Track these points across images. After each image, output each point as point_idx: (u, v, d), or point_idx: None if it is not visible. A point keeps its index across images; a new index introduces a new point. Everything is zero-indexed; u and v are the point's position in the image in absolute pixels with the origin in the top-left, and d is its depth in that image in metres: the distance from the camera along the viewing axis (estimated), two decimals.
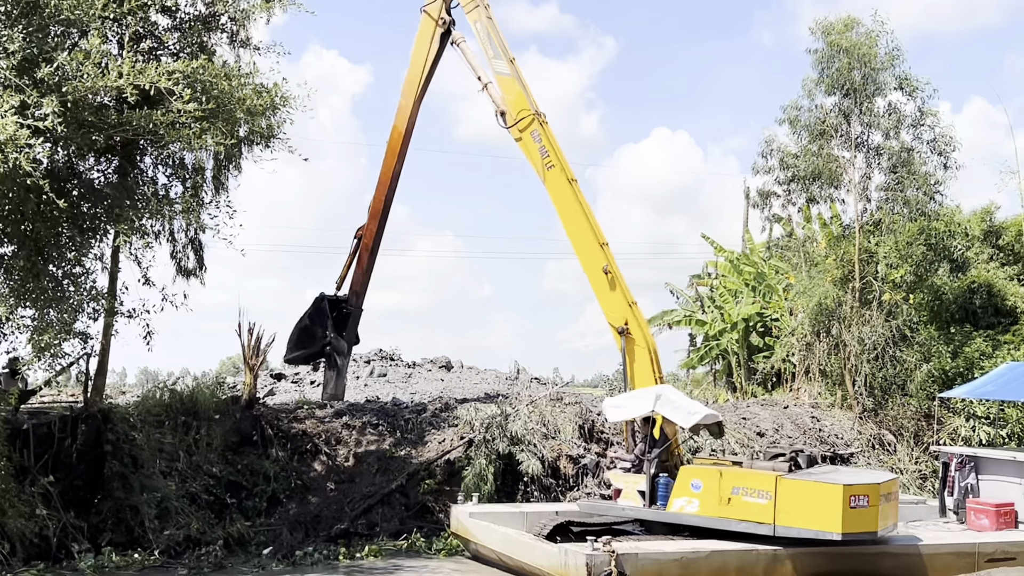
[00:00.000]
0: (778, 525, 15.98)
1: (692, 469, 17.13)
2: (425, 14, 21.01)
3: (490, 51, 19.37)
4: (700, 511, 16.45)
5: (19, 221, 16.86)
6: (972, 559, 17.23)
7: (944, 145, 27.66)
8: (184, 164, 20.16)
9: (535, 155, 18.87)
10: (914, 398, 27.06)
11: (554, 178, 18.82)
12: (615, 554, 14.72)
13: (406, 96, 21.48)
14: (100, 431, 18.73)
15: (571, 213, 19.05)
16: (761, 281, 35.23)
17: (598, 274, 18.76)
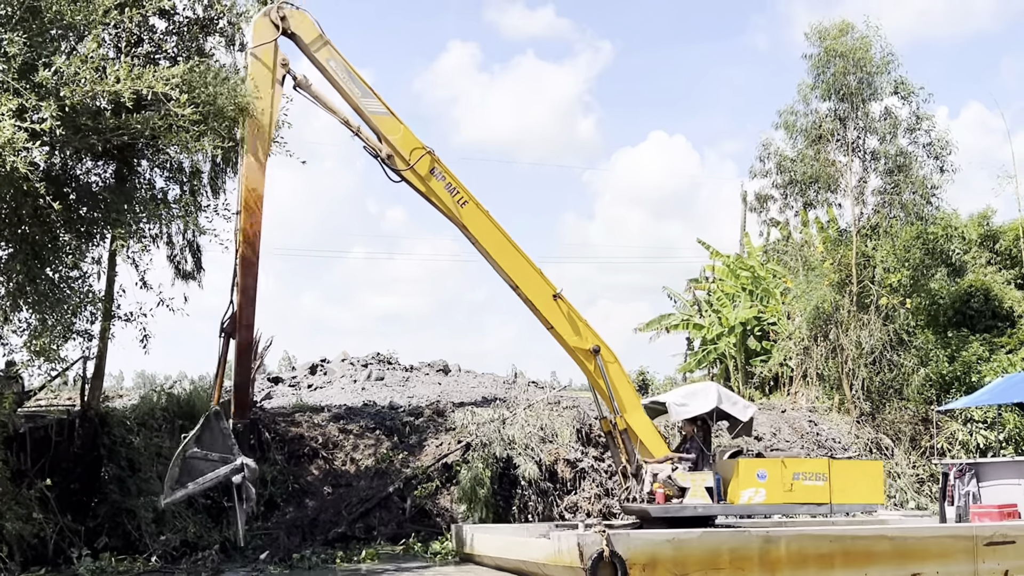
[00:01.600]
0: (834, 503, 17.94)
1: (754, 461, 17.86)
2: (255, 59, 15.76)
3: (356, 90, 16.12)
4: (767, 499, 17.39)
5: (16, 224, 16.84)
6: (971, 543, 17.25)
7: (940, 149, 27.74)
8: (181, 167, 20.15)
9: (443, 195, 16.46)
10: (911, 402, 27.11)
11: (471, 214, 16.65)
12: (606, 534, 14.81)
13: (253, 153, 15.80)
14: (97, 434, 18.72)
15: (500, 246, 17.01)
16: (758, 285, 35.26)
17: (549, 303, 17.18)
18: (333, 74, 16.07)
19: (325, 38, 15.97)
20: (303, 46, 15.92)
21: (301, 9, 15.55)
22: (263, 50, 15.55)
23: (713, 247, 38.66)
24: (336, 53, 16.07)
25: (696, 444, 17.74)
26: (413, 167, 16.34)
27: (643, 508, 16.95)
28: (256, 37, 15.48)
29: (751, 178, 30.16)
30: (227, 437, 15.42)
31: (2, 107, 14.17)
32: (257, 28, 15.51)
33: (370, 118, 16.25)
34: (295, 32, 15.65)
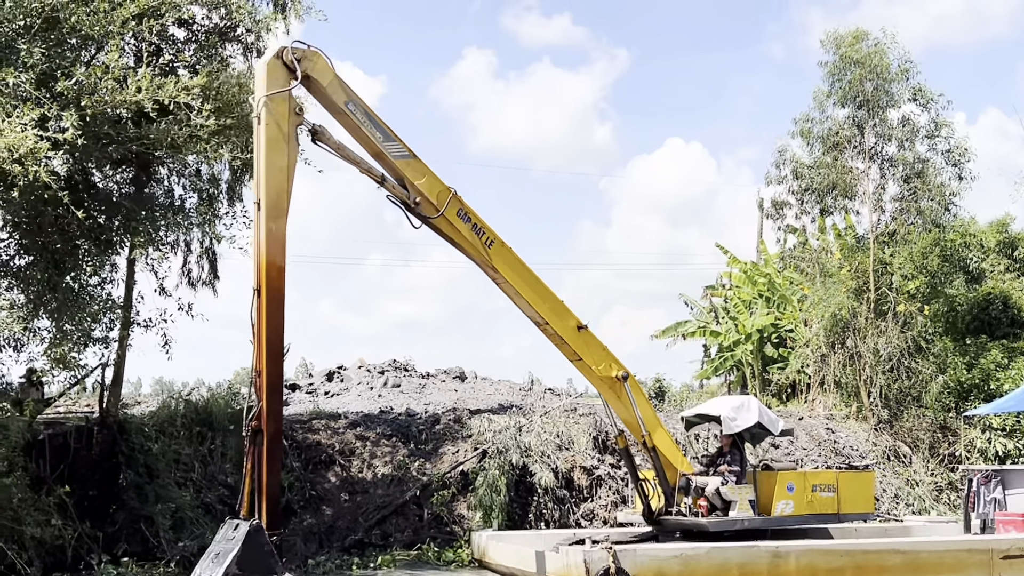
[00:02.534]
0: (841, 513, 18.19)
1: (785, 474, 17.81)
2: (269, 110, 12.91)
3: (377, 134, 14.13)
4: (795, 511, 17.52)
5: (36, 233, 17.01)
6: (987, 556, 17.13)
7: (959, 156, 27.62)
8: (200, 175, 20.29)
9: (470, 237, 15.11)
10: (929, 409, 26.97)
11: (498, 254, 15.45)
12: (613, 551, 14.84)
13: (276, 219, 12.87)
14: (116, 441, 18.83)
15: (527, 284, 16.03)
16: (775, 292, 35.17)
17: (575, 336, 16.50)
18: (352, 118, 14.01)
19: (341, 79, 13.92)
20: (319, 89, 13.70)
21: (314, 48, 13.42)
22: (278, 99, 12.96)
23: (730, 253, 38.59)
24: (354, 95, 14.06)
25: (737, 457, 17.79)
26: (443, 213, 14.75)
27: (696, 522, 16.87)
28: (269, 82, 12.95)
29: (767, 184, 30.13)
30: (270, 555, 13.43)
31: (24, 117, 14.30)
32: (270, 72, 12.96)
33: (393, 163, 14.34)
34: (311, 75, 13.43)
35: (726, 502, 16.97)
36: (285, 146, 12.92)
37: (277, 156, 12.79)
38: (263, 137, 12.73)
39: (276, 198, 12.70)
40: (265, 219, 12.60)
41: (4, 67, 14.74)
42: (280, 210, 12.78)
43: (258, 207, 12.63)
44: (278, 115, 12.86)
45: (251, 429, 13.38)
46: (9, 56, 15.44)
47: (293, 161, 13.04)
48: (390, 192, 14.52)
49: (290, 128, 12.98)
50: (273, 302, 12.91)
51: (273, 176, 12.68)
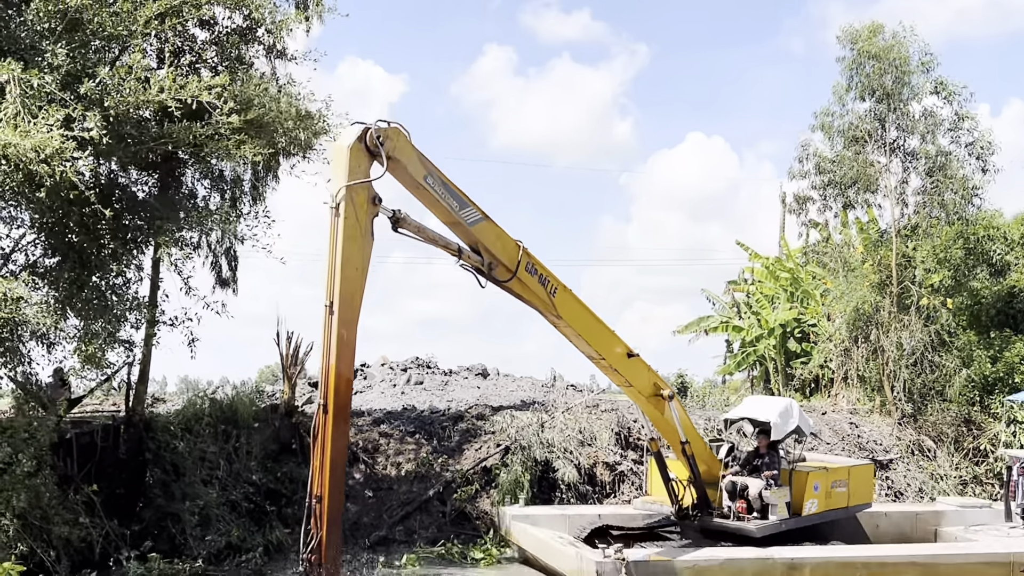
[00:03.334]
0: (851, 506, 18.69)
1: (814, 474, 17.99)
2: (351, 201, 11.38)
3: (454, 203, 12.98)
4: (818, 509, 17.82)
5: (63, 233, 17.17)
6: (1007, 569, 17.04)
7: (982, 148, 27.44)
8: (223, 175, 20.44)
9: (538, 290, 14.46)
10: (954, 403, 26.86)
11: (562, 301, 14.89)
12: (625, 561, 14.93)
13: (349, 326, 11.40)
14: (142, 440, 18.99)
15: (588, 322, 15.70)
16: (798, 287, 35.07)
17: (626, 363, 16.30)
18: (431, 192, 12.71)
19: (420, 153, 12.52)
20: (399, 168, 12.22)
21: (395, 124, 11.95)
22: (359, 187, 11.45)
23: (752, 249, 38.50)
24: (432, 166, 12.72)
25: (776, 459, 17.94)
26: (517, 273, 13.98)
27: (743, 527, 17.04)
28: (351, 169, 11.37)
29: (790, 179, 29.98)
30: None
31: (50, 118, 14.45)
32: (353, 157, 11.40)
33: (469, 230, 13.30)
34: (393, 156, 11.86)
35: (765, 505, 17.06)
36: (362, 240, 11.54)
37: (354, 252, 11.38)
38: (341, 230, 11.25)
39: (350, 301, 11.32)
40: (337, 324, 11.13)
41: (29, 68, 14.89)
42: (354, 315, 11.46)
43: (329, 310, 11.17)
44: (358, 206, 11.41)
45: (308, 562, 11.58)
46: (34, 58, 15.59)
47: (368, 257, 11.75)
48: (465, 262, 13.55)
49: (368, 219, 11.62)
50: (340, 418, 11.43)
51: (349, 275, 11.28)
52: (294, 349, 21.86)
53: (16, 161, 14.31)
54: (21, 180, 14.94)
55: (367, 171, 11.58)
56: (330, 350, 11.15)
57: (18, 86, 14.75)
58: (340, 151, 11.50)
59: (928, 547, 18.38)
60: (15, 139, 14.05)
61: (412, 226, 12.55)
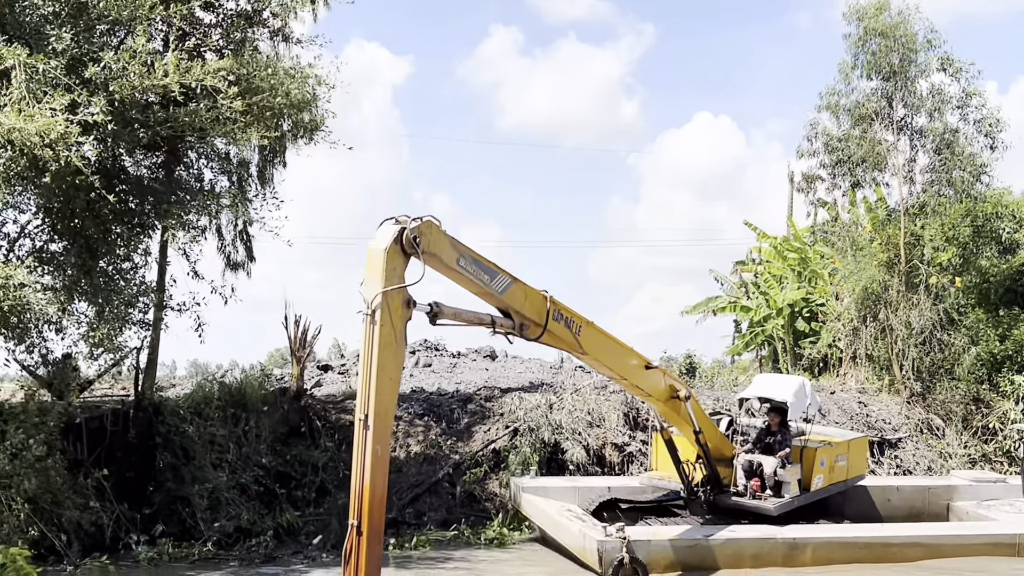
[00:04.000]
0: (849, 479, 18.87)
1: (819, 450, 18.12)
2: (385, 308, 10.89)
3: (485, 277, 12.77)
4: (824, 483, 18.00)
5: (69, 218, 17.18)
6: (1013, 548, 17.04)
7: (990, 125, 27.30)
8: (229, 158, 20.41)
9: (564, 334, 14.38)
10: (962, 382, 26.82)
11: (587, 336, 14.83)
12: (627, 540, 15.05)
13: (383, 441, 10.99)
14: (151, 424, 19.04)
15: (611, 350, 15.74)
16: (806, 266, 35.02)
17: (645, 376, 16.39)
18: (464, 274, 12.45)
19: (451, 239, 12.13)
20: (433, 259, 11.73)
21: (428, 218, 11.48)
22: (395, 292, 10.99)
23: (760, 229, 38.42)
24: (463, 248, 12.36)
25: (787, 437, 18.08)
26: (547, 328, 13.86)
27: (760, 506, 17.15)
28: (387, 272, 10.89)
29: (798, 158, 29.86)
30: None
31: (54, 102, 14.44)
32: (389, 260, 10.95)
33: (500, 299, 13.13)
34: (428, 250, 11.42)
35: (778, 482, 17.16)
36: (396, 347, 11.04)
37: (389, 360, 10.87)
38: (377, 338, 10.72)
39: (385, 415, 10.89)
40: (372, 440, 10.62)
41: (34, 53, 14.87)
42: (389, 428, 11.16)
43: (364, 424, 10.65)
44: (394, 311, 10.92)
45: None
46: (39, 42, 15.58)
47: (402, 364, 11.55)
48: (499, 330, 13.34)
49: (403, 325, 11.16)
50: (374, 540, 10.73)
51: (383, 387, 10.77)
52: (302, 332, 21.90)
53: (21, 146, 14.31)
54: (26, 165, 14.94)
55: (403, 273, 11.12)
56: (364, 468, 10.64)
57: (24, 71, 14.75)
58: (376, 254, 10.95)
59: (932, 526, 18.38)
60: (20, 124, 14.04)
61: (448, 314, 12.21)
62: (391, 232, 11.03)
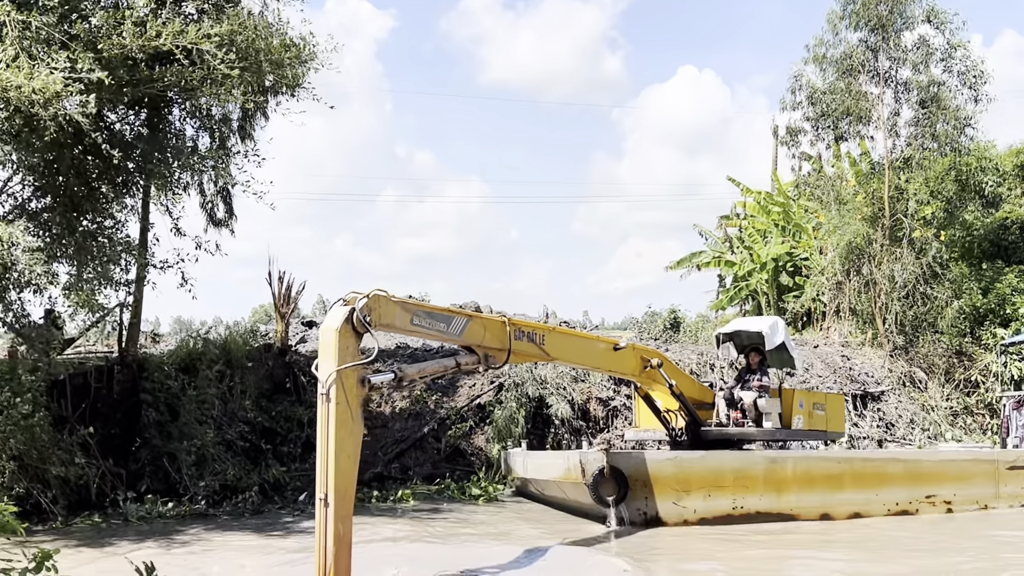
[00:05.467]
0: (828, 431, 18.52)
1: (799, 392, 18.24)
2: (340, 387, 10.90)
3: (442, 326, 13.04)
4: (804, 426, 17.80)
5: (53, 175, 17.03)
6: (992, 466, 17.25)
7: (975, 78, 27.29)
8: (211, 116, 20.21)
9: (528, 350, 14.56)
10: (945, 335, 27.01)
11: (551, 343, 14.93)
12: (608, 452, 15.38)
13: (345, 520, 10.78)
14: (136, 380, 19.01)
15: (577, 349, 16.09)
16: (790, 221, 35.08)
17: (614, 358, 16.60)
18: (421, 330, 12.80)
19: (402, 302, 12.41)
20: (388, 326, 12.16)
21: (376, 291, 11.72)
22: (349, 371, 11.05)
23: (744, 184, 38.43)
24: (415, 307, 12.74)
25: (766, 372, 18.32)
26: (512, 351, 13.96)
27: (743, 431, 17.34)
28: (340, 351, 11.02)
29: (782, 111, 29.88)
30: None
31: (55, 62, 14.30)
32: (341, 339, 11.07)
33: (461, 340, 13.39)
34: (379, 323, 11.75)
35: (759, 414, 17.39)
36: (353, 426, 11.05)
37: (346, 438, 10.89)
38: (334, 418, 10.78)
39: (344, 494, 10.82)
40: (333, 519, 10.59)
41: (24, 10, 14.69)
42: (349, 508, 10.94)
43: (324, 502, 10.67)
44: (348, 389, 10.95)
45: None
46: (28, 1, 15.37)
47: (359, 443, 11.28)
48: (464, 368, 13.75)
49: (358, 403, 11.17)
50: None
51: (343, 466, 10.79)
52: (286, 288, 21.87)
53: (17, 104, 14.16)
54: (21, 124, 14.81)
55: (355, 351, 11.21)
56: (326, 549, 10.60)
57: (15, 28, 14.55)
58: (328, 334, 11.06)
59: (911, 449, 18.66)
60: (17, 81, 13.89)
61: (412, 374, 12.62)
62: (341, 313, 11.16)
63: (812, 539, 14.57)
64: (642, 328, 32.63)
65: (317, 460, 10.89)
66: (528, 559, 13.09)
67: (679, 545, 14.24)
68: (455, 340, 13.30)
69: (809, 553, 13.75)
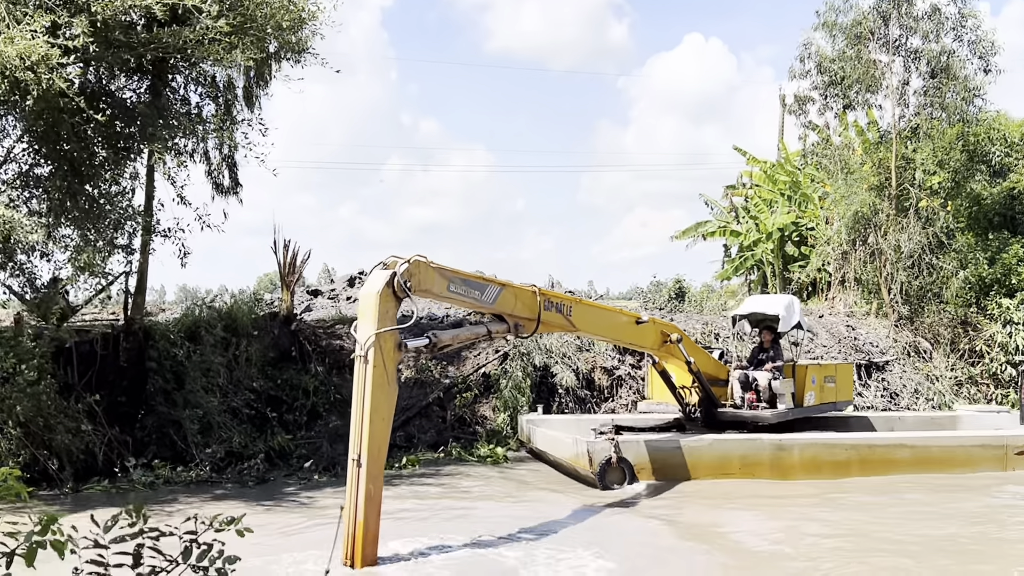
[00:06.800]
0: (839, 401, 19.27)
1: (810, 367, 18.47)
2: (378, 349, 11.33)
3: (476, 294, 13.08)
4: (815, 401, 18.31)
5: (54, 142, 16.98)
6: (1001, 451, 17.26)
7: (984, 48, 27.09)
8: (215, 82, 20.13)
9: (556, 320, 14.61)
10: (950, 305, 26.96)
11: (578, 314, 14.99)
12: (615, 441, 15.71)
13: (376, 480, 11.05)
14: (142, 348, 19.02)
15: (603, 321, 16.09)
16: (796, 190, 34.96)
17: (637, 331, 16.62)
18: (456, 296, 12.95)
19: (440, 269, 12.50)
20: (426, 293, 12.53)
21: (416, 258, 11.89)
22: (388, 334, 11.43)
23: (750, 153, 38.28)
24: (452, 274, 12.69)
25: (780, 352, 18.53)
26: (541, 320, 14.06)
27: (757, 415, 17.47)
28: (380, 314, 11.38)
29: (790, 79, 29.65)
30: None
31: (35, 24, 14.19)
32: (382, 303, 11.44)
33: (493, 308, 13.47)
34: (419, 288, 12.06)
35: (773, 395, 17.48)
36: (389, 388, 11.37)
37: (382, 402, 11.20)
38: (370, 380, 11.11)
39: (378, 455, 11.09)
40: (366, 480, 10.88)
41: None
42: (381, 469, 11.23)
43: (357, 463, 10.95)
44: (386, 352, 11.31)
45: None
46: None
47: (393, 406, 11.60)
48: (495, 336, 14.09)
49: (395, 366, 11.52)
50: None
51: (376, 428, 11.05)
52: (292, 257, 21.83)
53: (2, 69, 14.09)
54: (8, 89, 14.73)
55: (394, 316, 11.64)
56: (357, 507, 10.87)
57: None
58: (368, 298, 11.48)
59: (920, 432, 18.67)
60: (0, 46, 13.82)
61: (447, 340, 13.15)
62: (382, 278, 11.57)
63: (822, 501, 14.84)
64: (647, 298, 32.58)
65: (352, 421, 11.14)
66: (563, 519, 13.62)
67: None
68: (487, 308, 13.49)
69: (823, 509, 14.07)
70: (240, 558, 3.87)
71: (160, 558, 3.83)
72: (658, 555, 11.89)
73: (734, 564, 11.65)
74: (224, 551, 3.85)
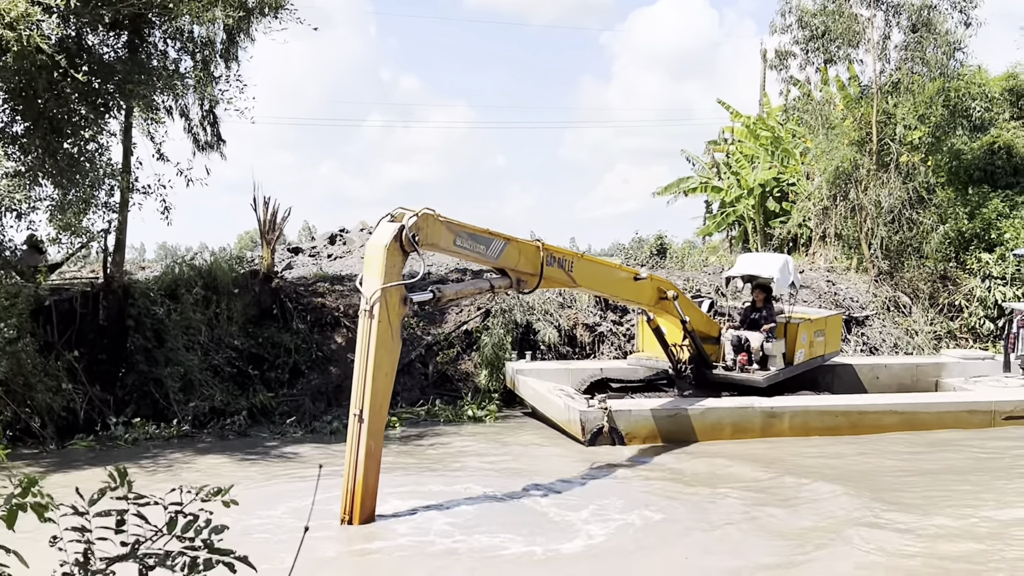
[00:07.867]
0: (826, 354, 19.48)
1: (801, 325, 18.48)
2: (383, 303, 11.18)
3: (482, 248, 12.91)
4: (804, 358, 18.44)
5: (32, 99, 16.79)
6: (989, 416, 17.43)
7: (965, 1, 27.02)
8: (193, 38, 19.93)
9: (558, 276, 14.51)
10: (930, 260, 27.10)
11: (579, 270, 14.89)
12: (608, 410, 15.89)
13: (377, 436, 11.28)
14: (122, 306, 18.96)
15: (603, 276, 15.99)
16: (778, 146, 34.93)
17: (634, 287, 16.58)
18: (462, 250, 12.78)
19: (447, 223, 12.24)
20: (433, 247, 12.34)
21: (424, 211, 11.67)
22: (393, 288, 11.25)
23: (732, 108, 38.18)
24: (459, 227, 12.48)
25: (772, 312, 18.59)
26: (543, 276, 14.00)
27: (750, 378, 17.56)
28: (387, 268, 11.15)
29: (771, 34, 29.55)
30: None
31: None
32: (389, 256, 11.19)
33: (497, 263, 13.43)
34: (426, 242, 11.86)
35: (765, 357, 17.59)
36: (392, 344, 11.41)
37: (385, 357, 11.25)
38: (375, 334, 11.07)
39: (379, 410, 11.18)
40: (366, 435, 10.96)
41: None
42: (382, 424, 11.34)
43: (358, 418, 11.03)
44: (391, 307, 11.22)
45: None
46: None
47: (396, 362, 11.66)
48: (497, 291, 14.15)
49: (399, 322, 11.50)
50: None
51: (379, 383, 11.13)
52: (272, 215, 21.72)
53: None
54: None
55: (401, 270, 11.45)
56: (357, 463, 10.92)
57: None
58: (376, 250, 11.21)
59: (908, 396, 18.79)
60: None
61: (450, 295, 12.94)
62: (390, 231, 11.26)
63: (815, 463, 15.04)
64: (629, 254, 32.53)
65: (354, 376, 11.18)
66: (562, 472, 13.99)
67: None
68: (491, 263, 13.43)
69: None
70: (228, 527, 3.86)
71: (146, 526, 3.81)
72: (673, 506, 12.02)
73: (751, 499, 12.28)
74: (211, 520, 3.84)
